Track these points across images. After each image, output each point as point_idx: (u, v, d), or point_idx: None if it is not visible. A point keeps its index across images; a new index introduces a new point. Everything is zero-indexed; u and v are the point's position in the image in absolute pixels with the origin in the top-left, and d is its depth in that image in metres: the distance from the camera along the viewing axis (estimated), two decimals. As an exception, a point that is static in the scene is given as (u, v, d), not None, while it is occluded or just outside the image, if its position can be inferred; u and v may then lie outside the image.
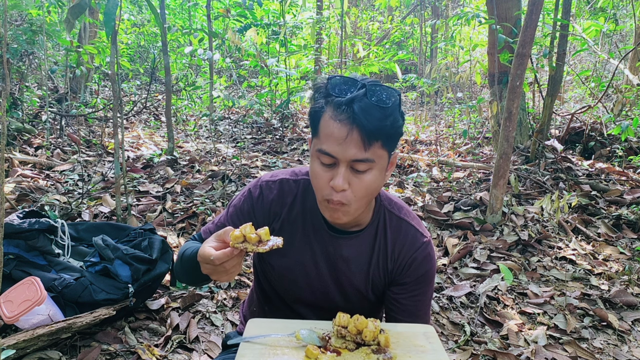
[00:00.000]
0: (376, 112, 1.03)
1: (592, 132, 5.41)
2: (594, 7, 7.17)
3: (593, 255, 3.25)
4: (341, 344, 1.07)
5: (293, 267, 1.27)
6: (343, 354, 1.04)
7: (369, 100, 1.04)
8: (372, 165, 1.07)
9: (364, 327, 1.06)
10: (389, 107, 1.05)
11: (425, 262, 1.25)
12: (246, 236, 1.00)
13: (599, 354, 2.31)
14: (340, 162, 1.06)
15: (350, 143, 1.03)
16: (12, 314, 1.99)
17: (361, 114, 1.02)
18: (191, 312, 2.43)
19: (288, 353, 1.03)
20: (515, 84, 3.37)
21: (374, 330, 1.06)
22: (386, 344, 1.06)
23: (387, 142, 1.08)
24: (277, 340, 1.08)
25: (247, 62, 6.95)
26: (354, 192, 1.08)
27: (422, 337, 1.12)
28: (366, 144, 1.04)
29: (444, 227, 3.62)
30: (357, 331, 1.06)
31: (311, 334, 1.08)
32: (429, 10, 10.55)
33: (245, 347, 1.06)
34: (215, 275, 1.02)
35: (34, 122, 5.53)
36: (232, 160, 4.97)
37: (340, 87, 1.07)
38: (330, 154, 1.06)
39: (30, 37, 5.38)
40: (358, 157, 1.04)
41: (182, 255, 1.22)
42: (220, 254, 0.98)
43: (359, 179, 1.07)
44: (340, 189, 1.06)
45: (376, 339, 1.06)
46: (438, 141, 6.19)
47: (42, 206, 3.33)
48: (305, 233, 1.25)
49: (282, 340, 1.08)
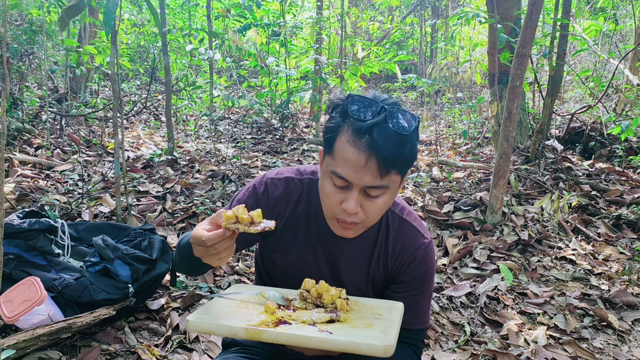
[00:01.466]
0: (395, 140, 1.02)
1: (592, 132, 5.41)
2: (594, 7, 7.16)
3: (593, 255, 3.25)
4: (302, 305, 1.14)
5: (295, 264, 1.28)
6: (297, 311, 1.11)
7: (388, 127, 1.02)
8: (386, 190, 1.08)
9: (323, 291, 1.13)
10: (408, 135, 1.04)
11: (424, 262, 1.26)
12: (238, 217, 1.01)
13: (599, 354, 2.31)
14: (354, 186, 1.06)
15: (367, 171, 1.03)
16: (12, 314, 1.98)
17: (381, 142, 1.01)
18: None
19: (250, 307, 1.12)
20: (515, 84, 3.37)
21: (333, 294, 1.12)
22: (341, 307, 1.11)
23: (402, 169, 1.08)
24: (247, 298, 1.17)
25: (247, 62, 6.94)
26: (366, 214, 1.10)
27: (386, 309, 1.15)
28: (383, 172, 1.03)
29: (444, 227, 3.62)
30: (318, 295, 1.13)
31: (276, 294, 1.16)
32: (429, 10, 10.55)
33: (215, 301, 1.15)
34: (206, 257, 1.03)
35: (34, 122, 5.53)
36: (232, 160, 4.97)
37: (359, 109, 1.05)
38: (345, 178, 1.06)
39: (30, 37, 5.38)
40: (373, 184, 1.05)
41: (179, 243, 1.24)
42: (212, 234, 0.99)
43: (372, 202, 1.09)
44: (353, 212, 1.08)
45: (334, 303, 1.12)
46: (438, 141, 6.19)
47: (42, 206, 3.33)
48: (309, 232, 1.26)
49: (252, 298, 1.17)
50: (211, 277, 2.79)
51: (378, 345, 0.98)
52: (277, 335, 1.01)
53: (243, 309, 1.10)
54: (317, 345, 1.00)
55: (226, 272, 2.86)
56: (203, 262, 1.08)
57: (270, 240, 1.29)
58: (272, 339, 1.01)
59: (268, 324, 1.04)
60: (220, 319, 1.06)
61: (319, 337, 1.00)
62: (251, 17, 6.55)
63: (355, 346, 0.99)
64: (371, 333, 1.03)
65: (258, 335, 1.01)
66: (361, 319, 1.09)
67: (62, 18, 2.89)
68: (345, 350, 1.00)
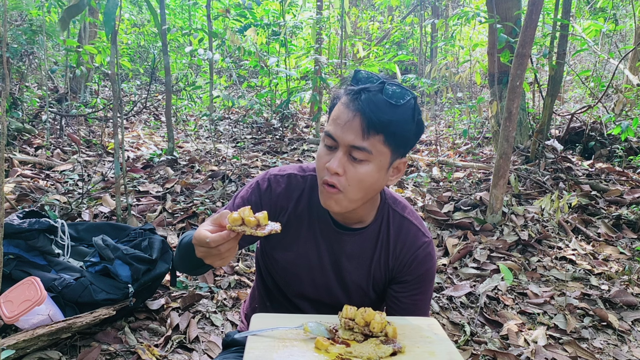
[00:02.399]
0: (383, 106, 1.07)
1: (592, 132, 5.41)
2: (594, 7, 7.16)
3: (593, 255, 3.25)
4: (349, 335, 1.06)
5: (297, 261, 1.28)
6: (352, 345, 1.03)
7: (379, 94, 1.07)
8: (369, 157, 1.09)
9: (371, 318, 1.06)
10: (398, 106, 1.08)
11: (425, 261, 1.26)
12: (244, 219, 0.98)
13: (599, 354, 2.31)
14: (340, 146, 1.09)
15: (350, 128, 1.07)
16: (12, 314, 1.98)
17: (367, 104, 1.06)
18: (191, 312, 2.43)
19: (297, 345, 1.02)
20: (515, 84, 3.37)
21: (381, 321, 1.06)
22: (394, 335, 1.06)
23: (390, 140, 1.09)
24: (284, 333, 1.07)
25: (247, 62, 6.94)
26: (348, 180, 1.10)
27: (427, 329, 1.13)
28: (365, 132, 1.06)
29: (444, 227, 3.62)
30: (365, 323, 1.06)
31: (319, 327, 1.07)
32: (429, 10, 10.54)
33: (254, 340, 1.04)
34: (209, 258, 1.02)
35: (34, 122, 5.53)
36: (232, 160, 4.97)
37: (361, 80, 1.13)
38: (331, 135, 1.10)
39: (30, 37, 5.38)
40: (355, 143, 1.07)
41: (180, 242, 1.23)
42: (216, 236, 0.97)
43: (354, 167, 1.09)
44: (334, 171, 1.08)
45: (384, 331, 1.06)
46: (438, 141, 6.19)
47: (42, 206, 3.33)
48: (311, 228, 1.26)
49: (289, 333, 1.07)
50: (211, 277, 2.79)
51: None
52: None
53: (290, 349, 1.01)
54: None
55: (226, 272, 2.87)
56: (204, 263, 1.07)
57: (271, 237, 1.29)
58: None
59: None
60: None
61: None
62: (251, 17, 6.55)
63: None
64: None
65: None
66: (415, 345, 1.05)
67: (63, 18, 2.89)
68: None
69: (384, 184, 1.17)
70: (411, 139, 1.14)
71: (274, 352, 0.99)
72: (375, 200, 1.25)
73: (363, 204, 1.18)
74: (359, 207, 1.19)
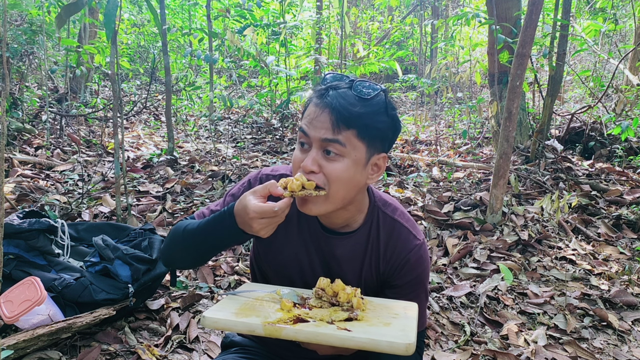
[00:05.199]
0: (352, 100, 1.09)
1: (592, 132, 5.41)
2: (594, 7, 7.16)
3: (593, 255, 3.25)
4: (317, 303, 1.14)
5: (289, 264, 1.28)
6: (313, 310, 1.11)
7: (349, 90, 1.10)
8: (343, 150, 1.09)
9: (339, 289, 1.13)
10: (368, 99, 1.09)
11: (417, 265, 1.23)
12: (304, 184, 1.08)
13: (599, 354, 2.31)
14: (313, 142, 1.10)
15: (320, 122, 1.09)
16: (12, 314, 1.98)
17: (336, 98, 1.09)
18: (191, 312, 2.43)
19: (265, 304, 1.12)
20: (515, 84, 3.37)
21: (349, 292, 1.11)
22: (358, 306, 1.11)
23: (363, 134, 1.09)
24: (260, 295, 1.17)
25: (247, 62, 6.95)
26: (326, 176, 1.10)
27: (401, 309, 1.15)
28: (335, 125, 1.07)
29: (444, 227, 3.62)
30: (333, 293, 1.13)
31: (291, 292, 1.16)
32: (429, 10, 10.54)
33: (229, 298, 1.15)
34: (268, 227, 1.07)
35: (34, 122, 5.53)
36: (232, 160, 4.97)
37: (331, 79, 1.16)
38: (304, 130, 1.11)
39: (30, 37, 5.38)
40: (327, 136, 1.08)
41: (183, 230, 1.20)
42: (283, 204, 1.06)
43: (329, 163, 1.10)
44: (309, 169, 1.09)
45: (350, 302, 1.11)
46: (438, 141, 6.19)
47: (42, 206, 3.33)
48: (301, 230, 1.26)
49: (265, 296, 1.17)
50: (211, 277, 2.79)
51: (399, 343, 0.98)
52: (296, 332, 1.01)
53: (258, 306, 1.11)
54: (337, 343, 1.00)
55: (226, 272, 2.87)
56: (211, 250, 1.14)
57: (264, 240, 1.28)
58: (290, 336, 1.01)
59: (286, 321, 1.03)
60: (237, 316, 1.05)
61: (339, 335, 1.00)
62: (251, 17, 6.55)
63: (376, 344, 0.99)
64: (390, 331, 1.02)
65: (276, 332, 1.01)
66: (378, 317, 1.09)
67: (60, 16, 2.88)
68: (365, 348, 1.00)
69: (364, 182, 1.15)
70: (387, 133, 1.14)
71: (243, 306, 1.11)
72: (363, 203, 1.23)
73: (345, 205, 1.16)
74: (342, 210, 1.17)
